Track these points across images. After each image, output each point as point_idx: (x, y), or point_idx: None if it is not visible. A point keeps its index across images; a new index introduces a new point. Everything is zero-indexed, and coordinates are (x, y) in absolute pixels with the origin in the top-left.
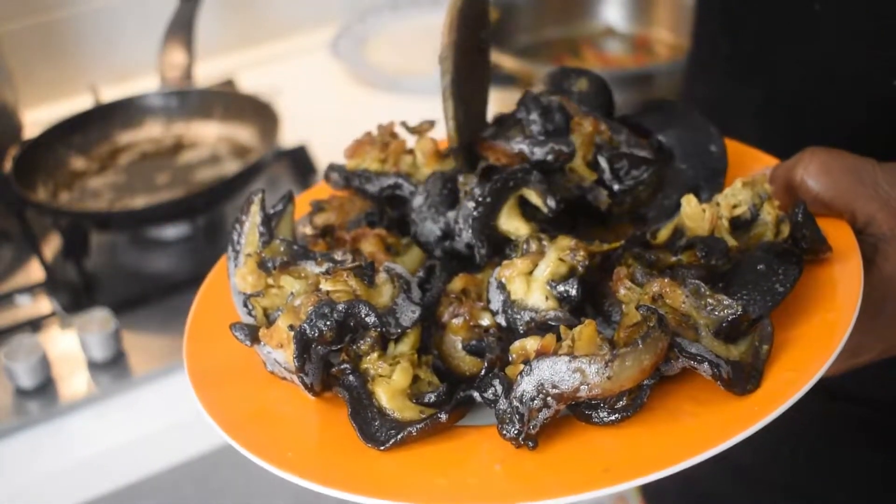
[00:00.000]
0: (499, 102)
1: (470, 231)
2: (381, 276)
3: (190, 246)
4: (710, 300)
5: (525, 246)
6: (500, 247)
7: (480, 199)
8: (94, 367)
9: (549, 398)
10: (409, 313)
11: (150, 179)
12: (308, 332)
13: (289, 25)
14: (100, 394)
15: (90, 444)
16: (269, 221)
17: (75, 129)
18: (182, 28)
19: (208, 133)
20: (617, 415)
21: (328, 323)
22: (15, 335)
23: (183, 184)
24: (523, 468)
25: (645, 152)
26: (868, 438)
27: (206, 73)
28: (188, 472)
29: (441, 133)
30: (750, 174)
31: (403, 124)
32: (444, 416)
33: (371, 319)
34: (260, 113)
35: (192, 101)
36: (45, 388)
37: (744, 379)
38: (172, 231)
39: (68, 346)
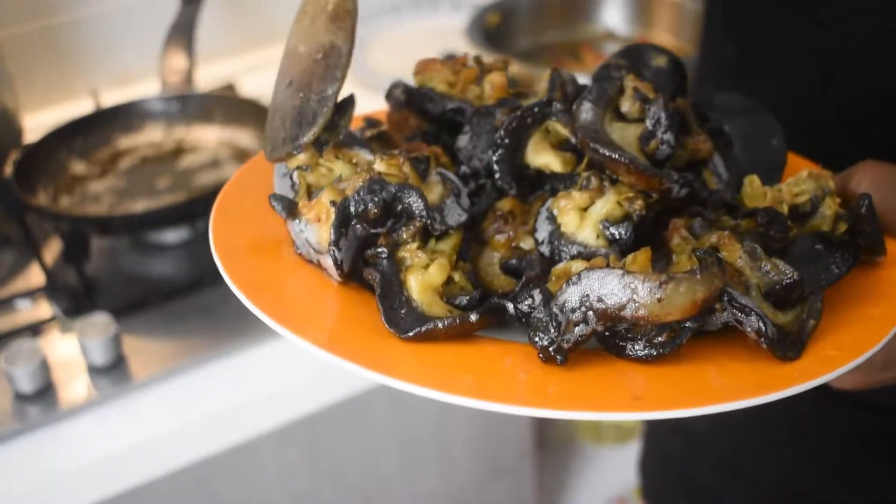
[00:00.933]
0: None
1: (497, 174)
2: (433, 177)
3: (190, 250)
4: (765, 263)
5: (585, 182)
6: (538, 183)
7: (499, 140)
8: (94, 371)
9: (590, 312)
10: (456, 215)
11: (150, 184)
12: (352, 205)
13: (289, 29)
14: (100, 398)
15: (90, 449)
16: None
17: (76, 133)
18: (183, 32)
19: (209, 137)
20: (653, 350)
21: (376, 199)
22: (15, 340)
23: (183, 188)
24: (550, 381)
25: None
26: (873, 445)
27: (207, 78)
28: (189, 477)
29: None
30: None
31: (476, 59)
32: (474, 317)
33: (419, 207)
34: (261, 117)
35: (193, 105)
36: (45, 393)
37: (786, 345)
38: (173, 235)
39: (68, 350)
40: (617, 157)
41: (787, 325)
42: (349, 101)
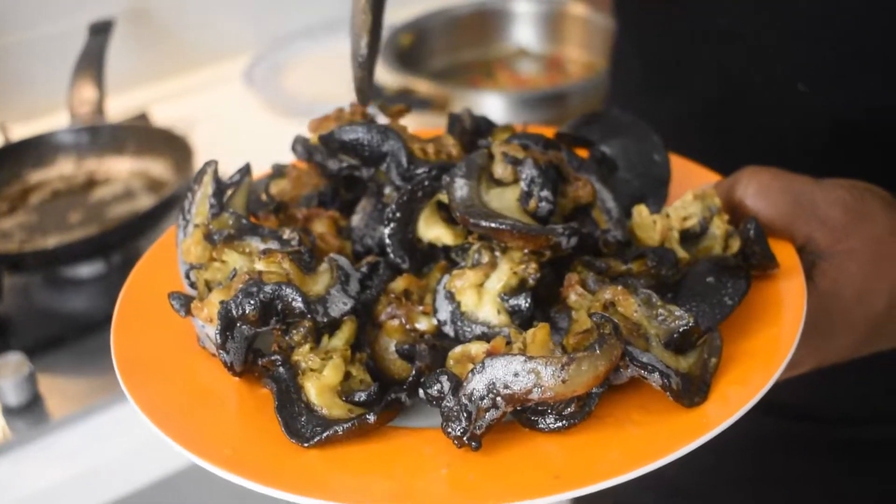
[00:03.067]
0: (414, 126)
1: (390, 248)
2: (323, 266)
3: (106, 284)
4: (661, 310)
5: (476, 256)
6: (431, 256)
7: (390, 215)
8: (8, 412)
9: (498, 398)
10: (341, 304)
11: (62, 218)
12: (233, 309)
13: (202, 56)
14: (16, 440)
15: (7, 492)
16: (220, 193)
17: None
18: (91, 62)
19: (121, 168)
20: (564, 421)
21: (252, 302)
22: None
23: (96, 221)
24: (471, 473)
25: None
26: (808, 453)
27: (119, 108)
28: None
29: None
30: (699, 188)
31: (379, 105)
32: (372, 418)
33: (298, 304)
34: (173, 146)
35: (104, 136)
36: None
37: (692, 391)
38: (87, 269)
39: None
40: (497, 225)
41: (690, 370)
42: (243, 176)
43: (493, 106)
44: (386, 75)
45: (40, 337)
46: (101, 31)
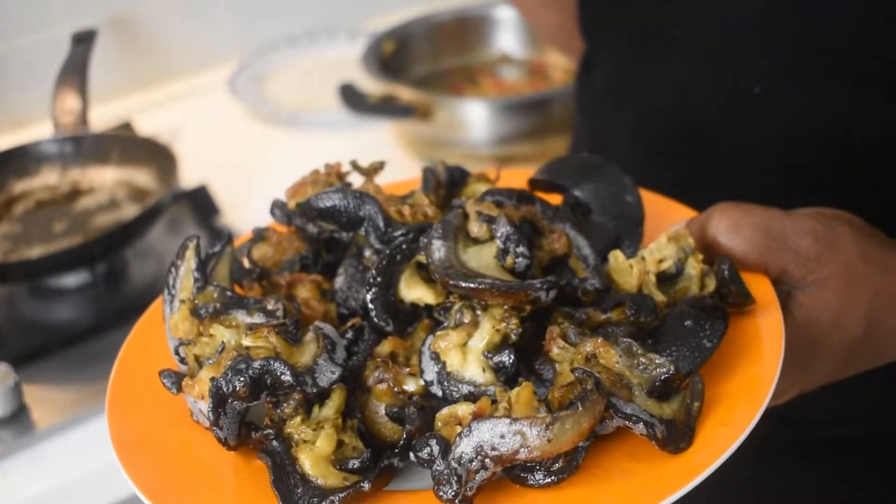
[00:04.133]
0: (398, 133)
1: (373, 312)
2: (309, 335)
3: (91, 294)
4: (642, 359)
5: (458, 316)
6: (414, 315)
7: (371, 280)
8: None
9: (486, 460)
10: (329, 373)
11: (46, 228)
12: (224, 387)
13: (185, 65)
14: (1, 450)
15: None
16: (203, 267)
17: None
18: (75, 72)
19: (105, 178)
20: (553, 477)
21: (242, 379)
22: None
23: (81, 231)
24: None
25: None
26: (788, 454)
27: (103, 117)
28: None
29: (391, 175)
30: (671, 228)
31: (353, 163)
32: (366, 486)
33: (287, 378)
34: (158, 155)
35: (88, 146)
36: None
37: (677, 437)
38: (72, 279)
39: None
40: (476, 285)
41: (674, 415)
42: (224, 247)
43: (476, 112)
44: (369, 82)
45: (25, 347)
46: (84, 41)
